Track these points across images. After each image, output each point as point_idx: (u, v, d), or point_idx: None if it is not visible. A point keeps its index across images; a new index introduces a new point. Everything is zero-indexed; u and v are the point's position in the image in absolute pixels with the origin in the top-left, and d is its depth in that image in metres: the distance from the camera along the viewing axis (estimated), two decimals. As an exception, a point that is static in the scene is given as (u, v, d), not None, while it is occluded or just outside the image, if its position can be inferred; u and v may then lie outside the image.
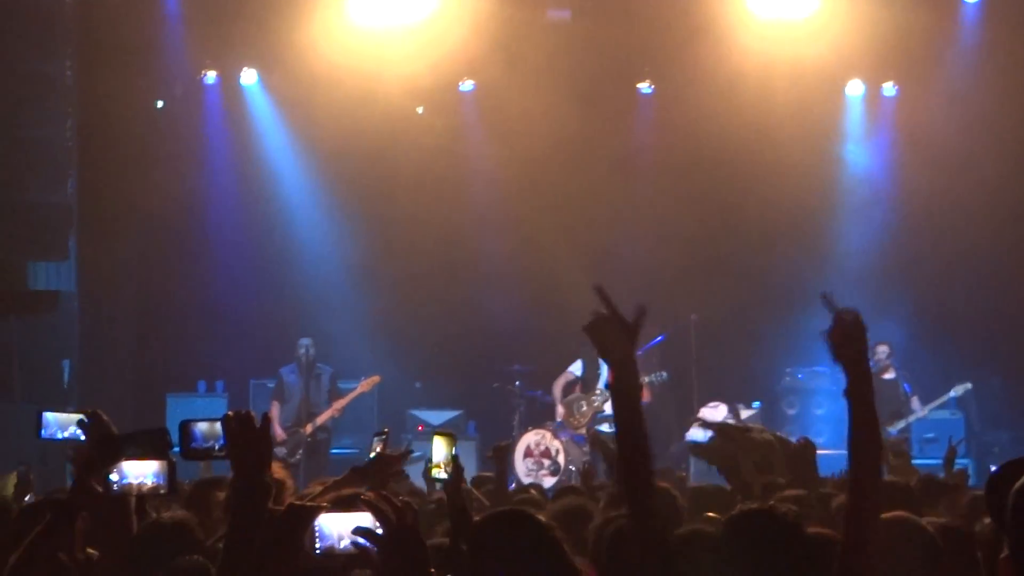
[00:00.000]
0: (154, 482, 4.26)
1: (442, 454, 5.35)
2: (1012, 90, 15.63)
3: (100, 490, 4.27)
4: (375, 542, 3.14)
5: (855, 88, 16.70)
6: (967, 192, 15.66)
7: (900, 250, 16.27)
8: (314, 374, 14.67)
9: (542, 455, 14.56)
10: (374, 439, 6.00)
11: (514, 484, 12.68)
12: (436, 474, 5.33)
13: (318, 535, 3.23)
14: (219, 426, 3.75)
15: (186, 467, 4.70)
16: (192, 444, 3.93)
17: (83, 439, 4.71)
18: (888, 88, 16.62)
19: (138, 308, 16.62)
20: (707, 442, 6.90)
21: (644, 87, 16.80)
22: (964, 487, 7.91)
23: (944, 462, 9.40)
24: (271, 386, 15.14)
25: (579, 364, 14.94)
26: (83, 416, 4.74)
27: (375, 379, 14.79)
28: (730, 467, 7.16)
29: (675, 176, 16.35)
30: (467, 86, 16.65)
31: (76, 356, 15.32)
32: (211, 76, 16.55)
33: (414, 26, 15.71)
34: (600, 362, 14.24)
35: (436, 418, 16.12)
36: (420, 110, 16.65)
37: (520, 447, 14.55)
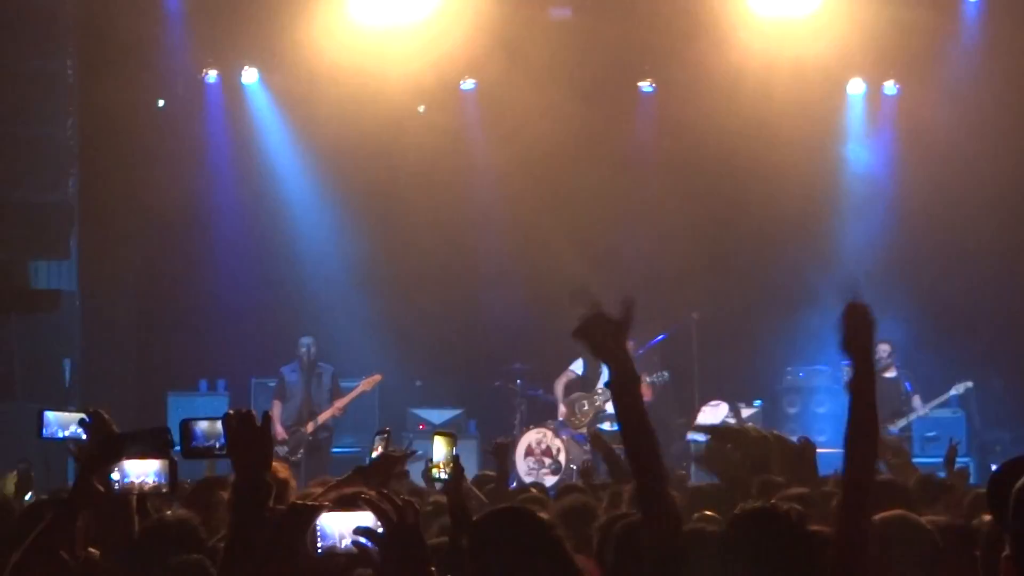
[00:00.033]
0: (155, 481, 4.26)
1: (442, 454, 5.34)
2: (1013, 88, 15.62)
3: (101, 489, 4.27)
4: (376, 541, 3.14)
5: (856, 87, 16.69)
6: (968, 190, 15.66)
7: (901, 248, 16.26)
8: (315, 373, 14.66)
9: (543, 454, 14.56)
10: (376, 438, 5.98)
11: (515, 483, 12.69)
12: (436, 474, 5.33)
13: (320, 534, 3.22)
14: (220, 425, 3.75)
15: (188, 466, 4.70)
16: (193, 443, 3.93)
17: (84, 438, 4.72)
18: (889, 87, 16.60)
19: (139, 307, 16.62)
20: (704, 444, 6.92)
21: (645, 86, 16.79)
22: (963, 486, 7.90)
23: (945, 461, 9.40)
24: (272, 385, 15.12)
25: (580, 363, 14.92)
26: (84, 415, 4.74)
27: (376, 378, 14.79)
28: (725, 471, 7.18)
29: (676, 175, 16.34)
30: (468, 85, 16.64)
31: (77, 355, 15.34)
32: (212, 75, 16.55)
33: (415, 25, 15.72)
34: (602, 366, 14.24)
35: (437, 417, 16.11)
36: (421, 109, 16.64)
37: (521, 446, 14.54)
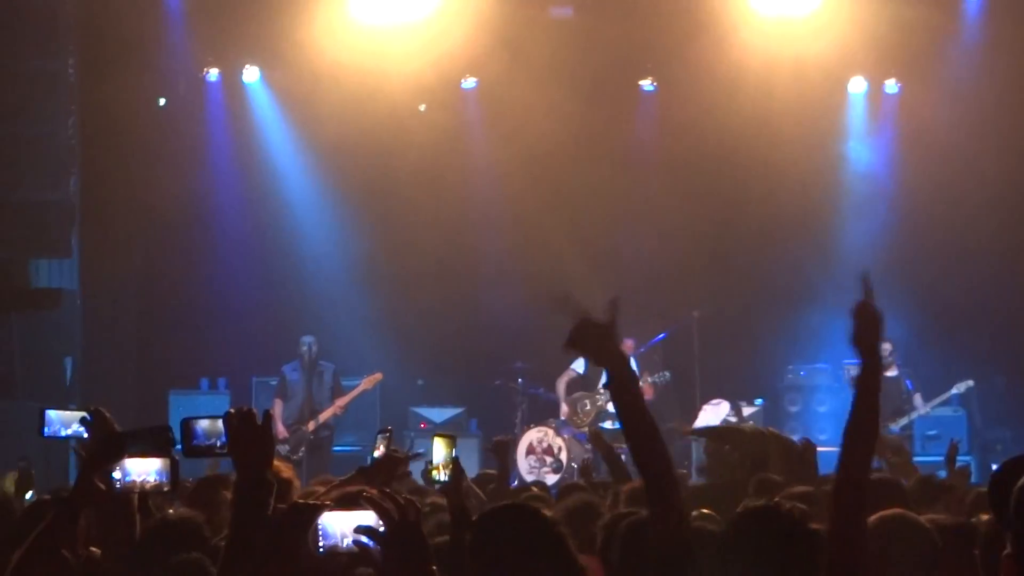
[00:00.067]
0: (156, 479, 4.26)
1: (442, 456, 5.32)
2: (1014, 87, 15.61)
3: (103, 488, 4.27)
4: (378, 540, 3.13)
5: (857, 85, 16.68)
6: (969, 189, 15.65)
7: (902, 247, 16.24)
8: (316, 371, 14.65)
9: (544, 452, 14.55)
10: (378, 437, 5.95)
11: (516, 481, 12.69)
12: (436, 476, 5.30)
13: (321, 534, 3.22)
14: (221, 423, 3.74)
15: (189, 464, 4.70)
16: (194, 442, 3.92)
17: (86, 436, 4.72)
18: (890, 85, 16.60)
19: (140, 306, 16.62)
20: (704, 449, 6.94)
21: (646, 84, 16.78)
22: (965, 485, 7.89)
23: (946, 459, 9.39)
24: (273, 383, 15.12)
25: (581, 362, 14.91)
26: (86, 414, 4.74)
27: (377, 376, 14.78)
28: (724, 473, 7.20)
29: (677, 173, 16.33)
30: (469, 83, 16.64)
31: (78, 354, 15.34)
32: (213, 73, 16.55)
33: (416, 23, 15.72)
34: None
35: (438, 415, 16.11)
36: (422, 107, 16.63)
37: (522, 445, 14.54)
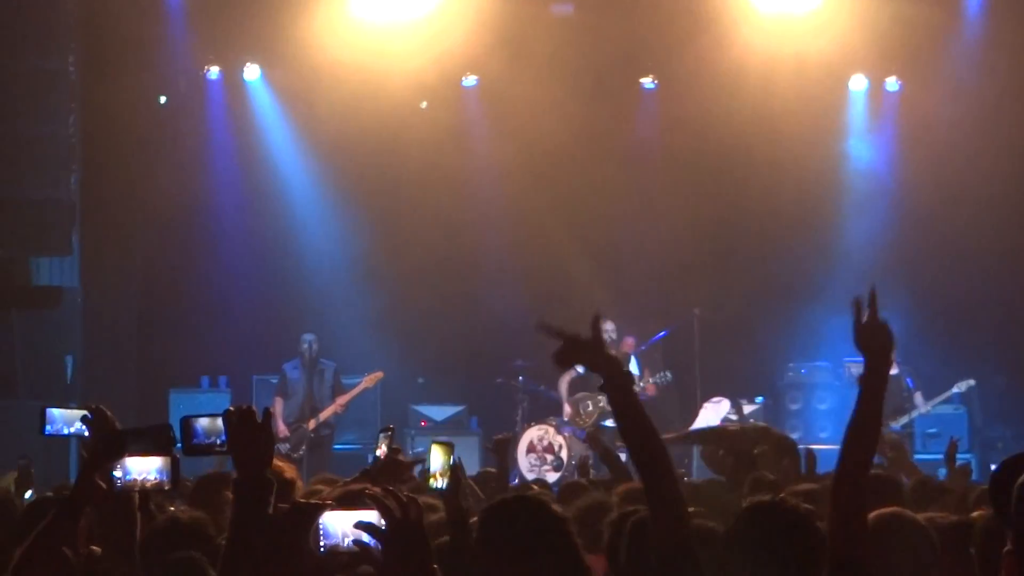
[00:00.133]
0: (157, 478, 4.25)
1: (439, 463, 5.29)
2: (1015, 85, 15.60)
3: (104, 486, 4.27)
4: (378, 537, 3.13)
5: (858, 83, 16.66)
6: (970, 187, 15.64)
7: (903, 245, 16.24)
8: (317, 370, 14.65)
9: (545, 451, 14.55)
10: (379, 436, 5.93)
11: (516, 479, 12.69)
12: (433, 484, 5.25)
13: (322, 533, 3.22)
14: (220, 422, 3.74)
15: (190, 463, 4.70)
16: (194, 440, 3.92)
17: (87, 435, 4.72)
18: (891, 83, 16.58)
19: (141, 304, 16.61)
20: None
21: (647, 82, 16.76)
22: (966, 483, 7.88)
23: (945, 457, 9.38)
24: (274, 382, 15.12)
25: (582, 362, 14.87)
26: (87, 412, 4.74)
27: (378, 375, 14.78)
28: (722, 472, 7.21)
29: (678, 171, 16.33)
30: (470, 81, 16.62)
31: (79, 352, 15.33)
32: (214, 71, 16.53)
33: (417, 21, 15.71)
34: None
35: (439, 413, 16.11)
36: (423, 105, 16.62)
37: (523, 443, 14.54)
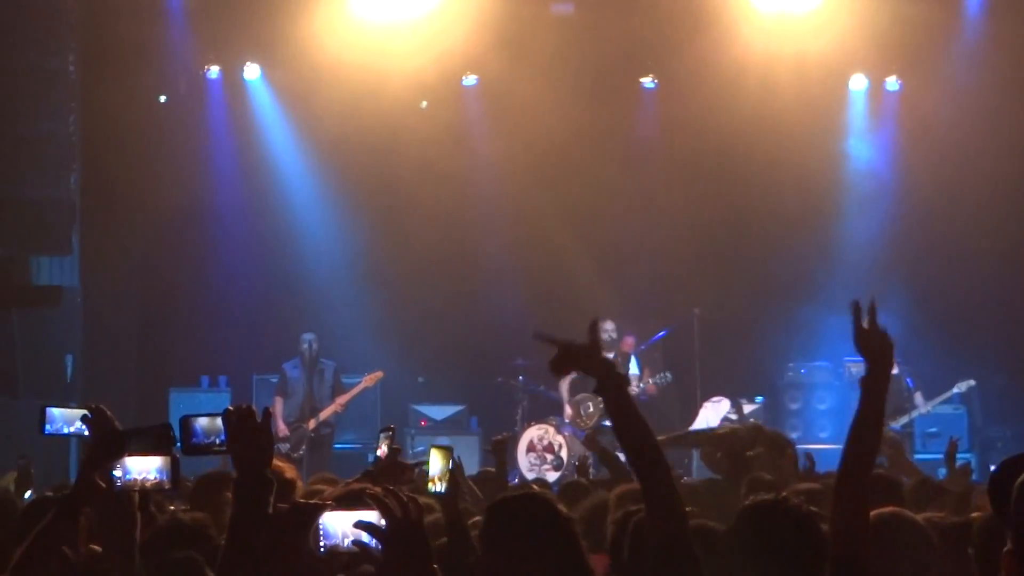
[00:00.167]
0: (157, 478, 4.24)
1: (438, 468, 5.29)
2: (1015, 84, 15.60)
3: (103, 486, 4.26)
4: (378, 537, 3.13)
5: (858, 82, 16.66)
6: (971, 186, 15.64)
7: (903, 244, 16.25)
8: (317, 369, 14.65)
9: (545, 450, 14.55)
10: (380, 435, 5.92)
11: (516, 479, 12.70)
12: (431, 488, 5.24)
13: (322, 533, 3.22)
14: (220, 421, 3.73)
15: (191, 462, 4.69)
16: (193, 440, 3.91)
17: (87, 434, 4.71)
18: (891, 82, 16.58)
19: (141, 303, 16.62)
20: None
21: (647, 81, 16.76)
22: (966, 483, 7.88)
23: (945, 457, 9.38)
24: (274, 381, 15.12)
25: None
26: (87, 411, 4.73)
27: (378, 374, 14.78)
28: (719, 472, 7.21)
29: (678, 171, 16.33)
30: (470, 80, 16.62)
31: (79, 351, 15.33)
32: (214, 71, 16.54)
33: (417, 20, 15.72)
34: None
35: (439, 413, 16.11)
36: (423, 105, 16.63)
37: (523, 442, 14.54)
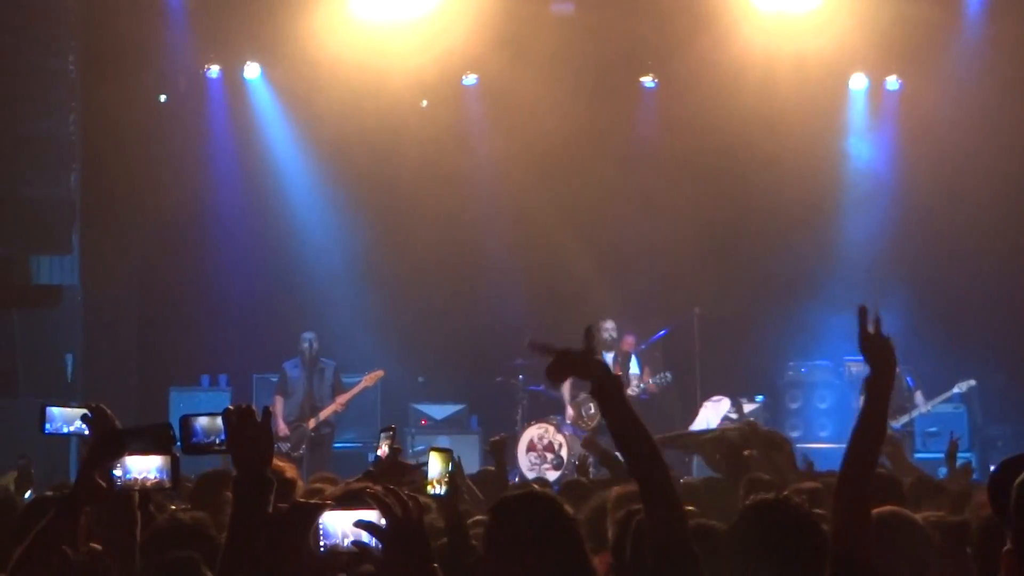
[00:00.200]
0: (157, 477, 4.24)
1: (437, 470, 5.29)
2: (1016, 84, 15.60)
3: (103, 485, 4.26)
4: (378, 536, 3.13)
5: (858, 82, 16.66)
6: (971, 185, 15.64)
7: (903, 243, 16.25)
8: (317, 368, 14.65)
9: (545, 449, 14.55)
10: (380, 435, 5.90)
11: (517, 478, 12.70)
12: (431, 491, 5.24)
13: (322, 533, 3.21)
14: (220, 421, 3.73)
15: (191, 462, 4.69)
16: (193, 439, 3.91)
17: (87, 434, 4.71)
18: (891, 82, 16.59)
19: (141, 302, 16.62)
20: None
21: (647, 81, 16.77)
22: (967, 482, 7.89)
23: (946, 456, 9.38)
24: (274, 380, 15.12)
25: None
26: (87, 411, 4.73)
27: (378, 373, 14.78)
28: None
29: (678, 170, 16.33)
30: (470, 80, 16.63)
31: (79, 350, 15.32)
32: (214, 70, 16.54)
33: (417, 20, 15.72)
34: (605, 360, 14.21)
35: (439, 412, 16.11)
36: (424, 104, 16.63)
37: (523, 441, 14.54)
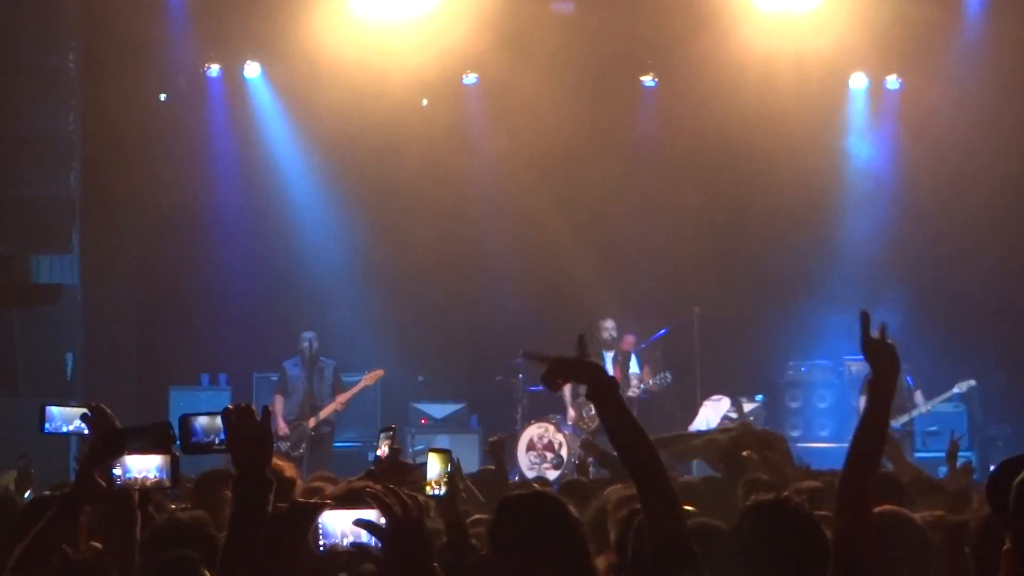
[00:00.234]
0: (157, 476, 4.24)
1: (436, 471, 5.28)
2: (1015, 83, 15.60)
3: (103, 484, 4.26)
4: (378, 535, 3.13)
5: (858, 81, 16.66)
6: (971, 185, 15.65)
7: (903, 243, 16.25)
8: (317, 367, 14.65)
9: (545, 448, 14.55)
10: (380, 435, 5.88)
11: (517, 477, 12.70)
12: (429, 492, 5.24)
13: (322, 533, 3.21)
14: (219, 420, 3.73)
15: (191, 461, 4.69)
16: (192, 439, 3.91)
17: (87, 433, 4.71)
18: (891, 81, 16.59)
19: (141, 301, 16.61)
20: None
21: (647, 80, 16.77)
22: (968, 481, 7.89)
23: (947, 456, 9.38)
24: (274, 379, 15.12)
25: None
26: (87, 410, 4.73)
27: (378, 372, 14.78)
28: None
29: (678, 169, 16.33)
30: (471, 79, 16.62)
31: (79, 349, 15.32)
32: (214, 69, 16.53)
33: (417, 19, 15.72)
34: (604, 360, 14.23)
35: (439, 411, 16.11)
36: (424, 103, 16.63)
37: (523, 440, 14.54)
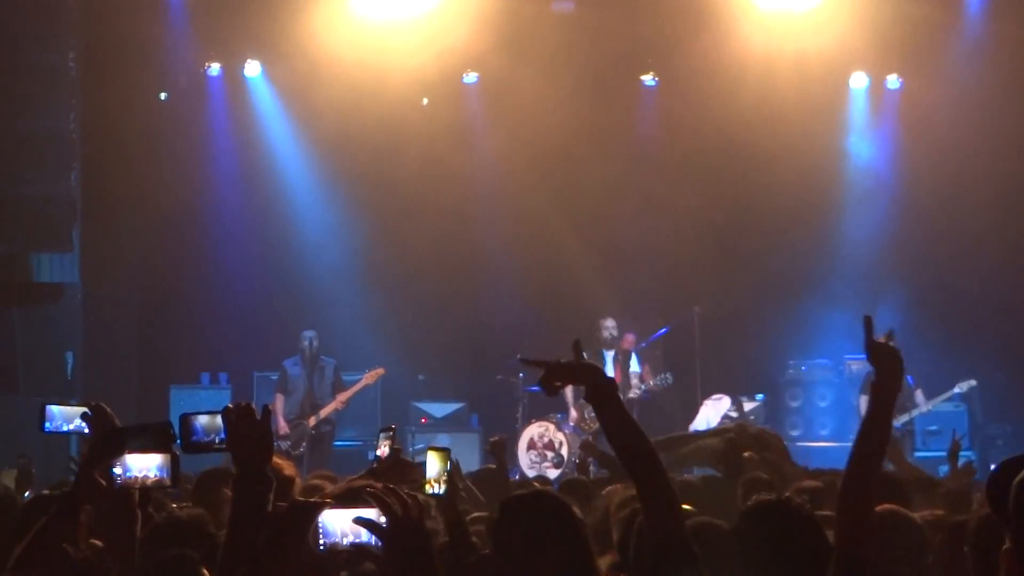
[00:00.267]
0: (157, 475, 4.25)
1: (435, 469, 5.28)
2: (1016, 82, 15.60)
3: (103, 483, 4.26)
4: (378, 534, 3.13)
5: (859, 80, 16.67)
6: (971, 184, 15.64)
7: (903, 242, 16.25)
8: (318, 366, 14.65)
9: (545, 447, 14.55)
10: (380, 435, 5.87)
11: (517, 476, 12.70)
12: (428, 490, 5.24)
13: (321, 531, 3.22)
14: (220, 419, 3.73)
15: (191, 460, 4.70)
16: (193, 438, 3.91)
17: (87, 432, 4.71)
18: (892, 80, 16.59)
19: (141, 300, 16.63)
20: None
21: (648, 79, 16.77)
22: (969, 481, 7.89)
23: (948, 455, 9.38)
24: (275, 378, 15.12)
25: (583, 359, 14.86)
26: (87, 409, 4.73)
27: (379, 371, 14.78)
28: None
29: (678, 168, 16.33)
30: (471, 78, 16.63)
31: (79, 348, 15.33)
32: (215, 68, 16.54)
33: (418, 18, 15.72)
34: (605, 359, 14.23)
35: (439, 410, 16.11)
36: (424, 102, 16.63)
37: (523, 439, 14.54)
